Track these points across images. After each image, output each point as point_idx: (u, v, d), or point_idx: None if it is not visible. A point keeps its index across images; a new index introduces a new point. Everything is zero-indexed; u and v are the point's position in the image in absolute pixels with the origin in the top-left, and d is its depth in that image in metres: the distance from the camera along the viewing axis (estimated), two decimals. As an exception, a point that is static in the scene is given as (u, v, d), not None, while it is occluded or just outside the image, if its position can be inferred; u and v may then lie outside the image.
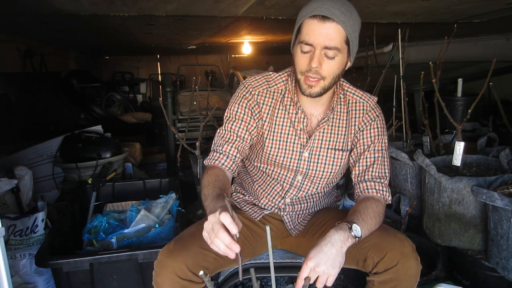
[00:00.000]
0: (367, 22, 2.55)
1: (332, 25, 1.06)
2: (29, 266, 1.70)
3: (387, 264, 1.10)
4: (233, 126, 1.27)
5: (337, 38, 1.08)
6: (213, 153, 1.27)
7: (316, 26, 1.08)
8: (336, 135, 1.28)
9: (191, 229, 1.23)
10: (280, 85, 1.30)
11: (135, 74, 7.51)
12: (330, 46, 1.08)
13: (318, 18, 1.07)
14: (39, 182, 2.69)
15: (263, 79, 1.30)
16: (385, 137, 1.29)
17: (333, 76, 1.14)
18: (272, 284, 0.96)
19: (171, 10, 2.18)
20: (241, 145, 1.27)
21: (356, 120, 1.28)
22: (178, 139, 2.16)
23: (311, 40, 1.09)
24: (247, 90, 1.29)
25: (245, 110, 1.28)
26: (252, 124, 1.28)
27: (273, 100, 1.29)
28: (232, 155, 1.25)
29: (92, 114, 4.69)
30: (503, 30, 3.05)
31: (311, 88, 1.15)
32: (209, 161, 1.27)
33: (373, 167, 1.25)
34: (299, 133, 1.27)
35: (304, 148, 1.28)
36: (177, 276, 1.07)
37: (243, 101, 1.28)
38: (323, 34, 1.07)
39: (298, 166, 1.30)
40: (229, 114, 1.29)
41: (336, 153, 1.28)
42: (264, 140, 1.29)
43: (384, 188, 1.24)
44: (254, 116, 1.28)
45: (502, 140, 2.22)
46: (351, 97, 1.29)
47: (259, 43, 4.83)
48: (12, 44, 3.42)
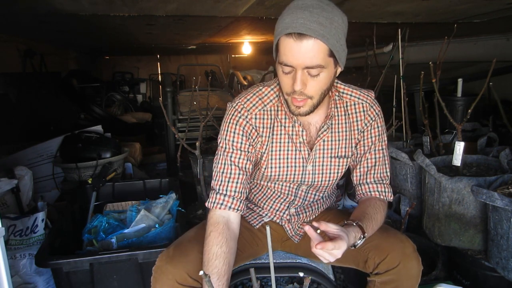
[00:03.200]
0: (367, 22, 2.55)
1: (310, 42, 0.94)
2: (29, 266, 1.70)
3: (389, 265, 1.10)
4: (233, 159, 1.15)
5: (319, 54, 0.96)
6: (217, 195, 1.14)
7: (292, 46, 0.95)
8: (337, 142, 1.22)
9: (190, 234, 1.21)
10: (274, 100, 1.19)
11: (135, 74, 7.50)
12: (312, 65, 0.97)
13: (294, 36, 0.94)
14: (39, 182, 2.69)
15: (256, 98, 1.18)
16: (385, 134, 1.25)
17: (320, 93, 1.05)
18: (272, 284, 0.96)
19: (171, 10, 2.18)
20: (246, 178, 1.16)
21: (358, 123, 1.22)
22: (178, 139, 2.15)
23: (289, 61, 0.98)
24: (241, 114, 1.16)
25: (242, 138, 1.16)
26: (251, 152, 1.18)
27: (270, 119, 1.18)
28: (238, 194, 1.14)
29: (92, 114, 4.69)
30: (503, 30, 3.05)
31: (299, 108, 1.07)
32: (214, 205, 1.14)
33: (375, 169, 1.22)
34: (299, 146, 1.20)
35: (307, 162, 1.21)
36: (177, 282, 1.06)
37: (238, 129, 1.15)
38: (302, 53, 0.95)
39: (302, 179, 1.25)
40: (225, 144, 1.16)
41: (340, 160, 1.23)
42: (265, 161, 1.20)
43: (386, 189, 1.22)
44: (252, 142, 1.17)
45: (502, 140, 2.22)
46: (348, 99, 1.21)
47: (259, 43, 4.83)
48: (12, 44, 3.42)
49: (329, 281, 1.32)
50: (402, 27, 2.43)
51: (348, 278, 1.92)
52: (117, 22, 2.63)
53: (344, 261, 1.23)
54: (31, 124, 3.48)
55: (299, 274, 1.07)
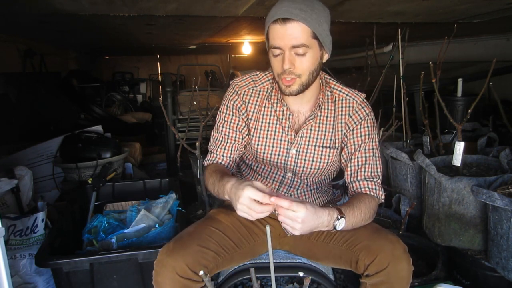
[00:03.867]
0: (367, 22, 2.55)
1: (293, 25, 1.08)
2: (29, 266, 1.70)
3: (378, 267, 1.10)
4: (223, 129, 1.34)
5: (302, 35, 1.10)
6: (210, 154, 1.36)
7: (279, 30, 1.10)
8: (323, 132, 1.29)
9: (190, 229, 1.24)
10: (266, 83, 1.34)
11: (135, 74, 7.51)
12: (297, 44, 1.10)
13: (279, 21, 1.09)
14: (39, 182, 2.69)
15: (250, 79, 1.35)
16: (376, 135, 1.29)
17: (309, 72, 1.16)
18: (272, 284, 0.96)
19: (171, 10, 2.18)
20: (234, 145, 1.33)
21: (343, 117, 1.29)
22: (178, 139, 2.16)
23: (277, 43, 1.12)
24: (234, 90, 1.34)
25: (233, 111, 1.33)
26: (241, 124, 1.33)
27: (259, 98, 1.33)
28: (227, 156, 1.34)
29: (92, 114, 4.69)
30: (503, 30, 3.05)
31: (289, 87, 1.18)
32: (208, 161, 1.36)
33: (365, 167, 1.26)
34: (286, 130, 1.30)
35: (291, 145, 1.30)
36: (177, 274, 1.07)
37: (230, 103, 1.34)
38: (287, 35, 1.10)
39: (285, 163, 1.31)
40: (219, 116, 1.36)
41: (324, 150, 1.29)
42: (251, 137, 1.33)
43: (377, 187, 1.25)
44: (242, 116, 1.33)
45: (502, 140, 2.22)
46: (338, 94, 1.30)
47: (259, 43, 4.83)
48: (12, 44, 3.42)
49: (329, 281, 1.32)
50: (402, 27, 2.43)
51: (348, 278, 1.92)
52: (117, 22, 2.63)
53: (338, 262, 1.24)
54: (31, 124, 3.48)
55: (299, 274, 1.07)
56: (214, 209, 1.40)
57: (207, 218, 1.32)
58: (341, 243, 1.19)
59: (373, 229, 1.18)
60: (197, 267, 1.08)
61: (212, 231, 1.22)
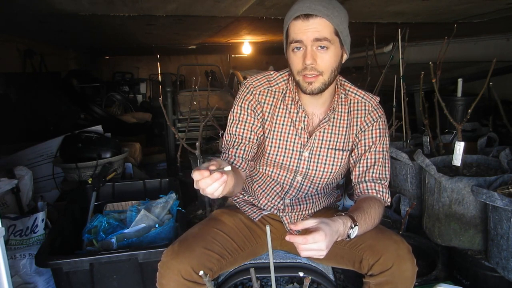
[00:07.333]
0: (367, 22, 2.55)
1: (316, 20, 1.07)
2: (29, 266, 1.70)
3: (382, 267, 1.10)
4: (237, 129, 1.26)
5: (325, 30, 1.08)
6: (223, 155, 1.26)
7: (302, 25, 1.08)
8: (336, 135, 1.27)
9: (195, 230, 1.23)
10: (281, 84, 1.29)
11: (135, 74, 7.50)
12: (320, 37, 1.08)
13: (302, 17, 1.08)
14: (39, 182, 2.69)
15: (264, 79, 1.30)
16: (387, 138, 1.28)
17: (330, 70, 1.13)
18: (272, 284, 0.96)
19: (171, 10, 2.18)
20: (247, 146, 1.25)
21: (358, 120, 1.27)
22: (178, 139, 2.15)
23: (299, 36, 1.09)
24: (248, 90, 1.28)
25: (248, 111, 1.27)
26: (256, 124, 1.27)
27: (274, 99, 1.28)
28: (239, 156, 1.23)
29: (92, 114, 4.68)
30: (503, 30, 3.05)
31: (311, 84, 1.13)
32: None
33: (374, 168, 1.24)
34: (299, 132, 1.26)
35: (304, 148, 1.27)
36: (182, 277, 1.07)
37: (244, 103, 1.27)
38: (310, 29, 1.08)
39: (298, 166, 1.29)
40: (232, 117, 1.28)
41: (337, 153, 1.27)
42: (267, 138, 1.28)
43: (384, 190, 1.24)
44: (257, 116, 1.27)
45: (502, 140, 2.22)
46: (353, 97, 1.28)
47: (259, 43, 4.83)
48: (12, 44, 3.42)
49: (329, 281, 1.32)
50: (402, 27, 2.43)
51: (348, 278, 1.92)
52: (117, 22, 2.63)
53: (340, 262, 1.24)
54: (31, 124, 3.48)
55: (299, 274, 1.07)
56: (217, 210, 1.40)
57: (211, 219, 1.31)
58: (344, 243, 1.18)
59: (377, 229, 1.17)
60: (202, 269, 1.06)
61: (216, 233, 1.22)
